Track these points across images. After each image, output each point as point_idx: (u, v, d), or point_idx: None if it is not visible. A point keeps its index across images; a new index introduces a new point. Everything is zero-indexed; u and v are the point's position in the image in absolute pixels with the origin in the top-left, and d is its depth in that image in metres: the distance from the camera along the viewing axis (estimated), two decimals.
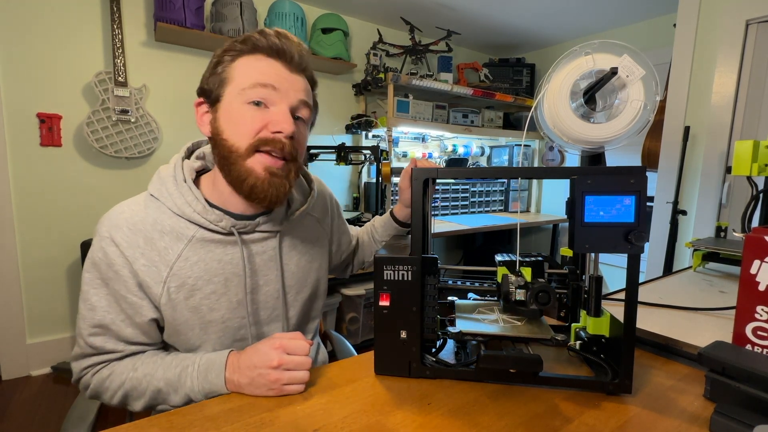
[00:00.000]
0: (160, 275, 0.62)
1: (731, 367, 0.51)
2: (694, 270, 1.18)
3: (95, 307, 0.62)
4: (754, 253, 0.60)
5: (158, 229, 0.63)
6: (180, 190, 0.64)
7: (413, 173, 0.59)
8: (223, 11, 2.09)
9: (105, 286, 0.62)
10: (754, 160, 0.87)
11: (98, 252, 0.62)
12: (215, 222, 0.64)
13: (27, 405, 1.72)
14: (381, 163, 2.21)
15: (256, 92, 0.60)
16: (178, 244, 0.63)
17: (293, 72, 0.63)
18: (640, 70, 0.54)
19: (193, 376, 0.60)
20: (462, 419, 0.51)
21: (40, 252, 1.96)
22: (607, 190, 0.53)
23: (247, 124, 0.61)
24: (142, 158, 2.14)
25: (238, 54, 0.62)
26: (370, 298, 2.21)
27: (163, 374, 0.61)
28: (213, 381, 0.59)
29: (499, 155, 3.37)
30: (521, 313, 0.64)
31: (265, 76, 0.61)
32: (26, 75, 1.85)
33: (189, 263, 0.64)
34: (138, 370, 0.62)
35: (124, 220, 0.63)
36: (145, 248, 0.62)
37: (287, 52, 0.62)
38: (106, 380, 0.63)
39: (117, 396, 0.62)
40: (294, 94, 0.63)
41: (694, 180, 1.93)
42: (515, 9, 2.59)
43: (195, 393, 0.60)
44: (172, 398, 0.61)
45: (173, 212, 0.64)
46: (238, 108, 0.61)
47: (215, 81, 0.63)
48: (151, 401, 0.62)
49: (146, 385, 0.61)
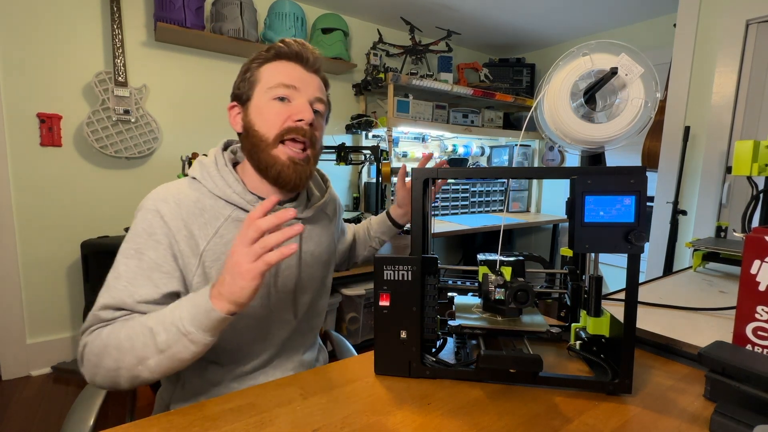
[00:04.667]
0: (198, 248, 0.68)
1: (731, 367, 0.51)
2: (694, 270, 1.18)
3: (120, 276, 0.64)
4: (754, 253, 0.60)
5: (199, 206, 0.70)
6: (221, 173, 0.73)
7: (413, 173, 0.59)
8: (223, 11, 2.09)
9: (138, 257, 0.65)
10: (754, 160, 0.86)
11: (141, 223, 0.66)
12: (251, 203, 0.72)
13: (27, 405, 1.72)
14: (381, 163, 2.21)
15: (280, 90, 0.71)
16: (216, 222, 0.70)
17: (309, 72, 0.75)
18: (638, 68, 0.54)
19: (181, 306, 0.57)
20: (462, 419, 0.51)
21: (40, 252, 1.96)
22: (607, 190, 0.53)
23: (273, 115, 0.71)
24: (142, 158, 2.14)
25: (264, 61, 0.73)
26: (370, 298, 2.21)
27: (155, 316, 0.58)
28: (199, 303, 0.55)
29: (499, 155, 3.37)
30: (501, 312, 0.64)
31: (288, 77, 0.72)
32: (26, 75, 1.85)
33: (224, 240, 0.70)
34: (134, 319, 0.60)
35: (171, 195, 0.69)
36: (187, 221, 0.68)
37: (304, 55, 0.73)
38: (104, 338, 0.59)
39: (112, 358, 0.57)
40: (311, 91, 0.74)
41: (694, 180, 1.93)
42: (515, 9, 2.59)
43: (184, 321, 0.55)
44: (162, 338, 0.56)
45: (213, 193, 0.72)
46: (266, 103, 0.71)
47: (245, 85, 0.73)
48: (141, 350, 0.56)
49: (139, 327, 0.57)
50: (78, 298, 2.06)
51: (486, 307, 0.66)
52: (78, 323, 2.07)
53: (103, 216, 2.06)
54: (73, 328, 2.08)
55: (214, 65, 2.30)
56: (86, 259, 1.87)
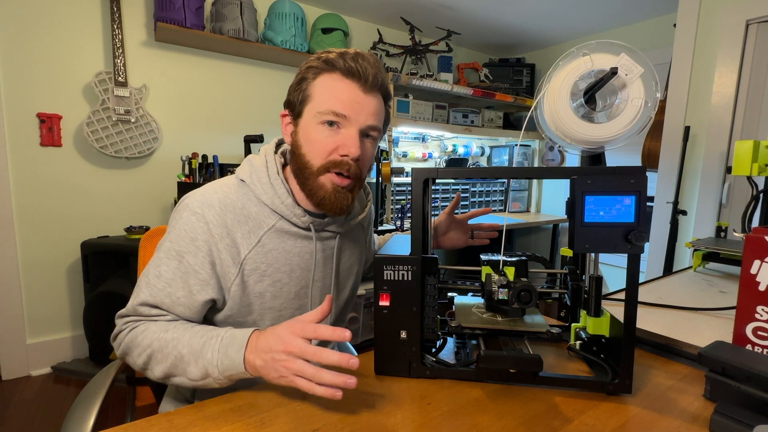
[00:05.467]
0: (240, 256, 0.68)
1: (731, 367, 0.51)
2: (694, 270, 1.18)
3: (161, 275, 0.65)
4: (754, 253, 0.60)
5: (245, 213, 0.69)
6: (272, 182, 0.71)
7: (413, 173, 0.59)
8: (223, 11, 2.09)
9: (178, 259, 0.66)
10: (754, 160, 0.86)
11: (185, 225, 0.66)
12: (299, 216, 0.71)
13: (27, 405, 1.72)
14: (381, 163, 2.21)
15: (330, 117, 0.67)
16: (259, 230, 0.70)
17: (367, 93, 0.68)
18: (638, 68, 0.54)
19: (215, 348, 0.58)
20: (462, 419, 0.51)
21: (40, 252, 1.96)
22: (607, 190, 0.53)
23: (321, 143, 0.68)
24: (142, 158, 2.14)
25: (319, 72, 0.68)
26: (370, 298, 2.21)
27: (189, 340, 0.60)
28: (232, 357, 0.56)
29: (499, 155, 3.37)
30: (504, 312, 0.65)
31: (340, 103, 0.67)
32: (26, 75, 1.85)
33: (265, 250, 0.70)
34: (168, 332, 0.62)
35: (218, 200, 0.68)
36: (231, 228, 0.68)
37: (362, 74, 0.67)
38: (138, 336, 0.63)
39: (143, 356, 0.62)
40: (364, 119, 0.68)
41: (694, 180, 1.93)
42: (515, 9, 2.59)
43: (213, 367, 0.57)
44: (191, 369, 0.58)
45: (260, 200, 0.70)
46: (314, 127, 0.68)
47: (299, 96, 0.70)
48: (171, 368, 0.60)
49: (171, 349, 0.60)
50: (78, 298, 2.05)
51: (489, 307, 0.66)
52: (78, 323, 2.07)
53: (103, 216, 2.06)
54: (73, 329, 2.07)
55: (214, 65, 2.30)
56: (86, 259, 1.87)
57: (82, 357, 2.08)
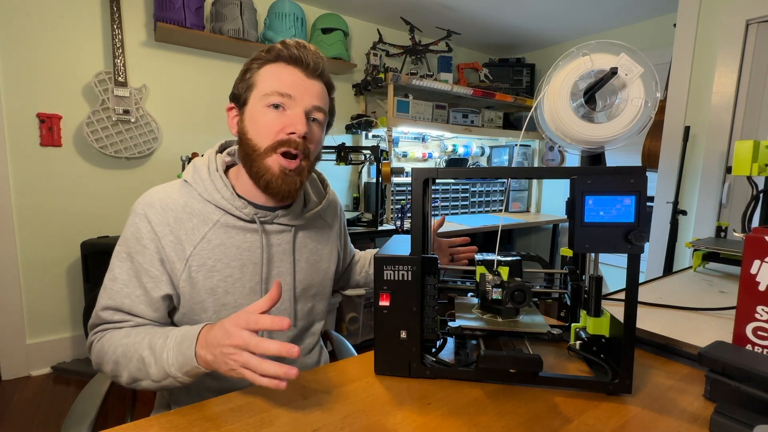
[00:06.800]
0: (185, 253, 0.69)
1: (731, 367, 0.51)
2: (694, 270, 1.18)
3: (116, 278, 0.67)
4: (754, 253, 0.60)
5: (188, 211, 0.70)
6: (212, 178, 0.72)
7: (413, 173, 0.59)
8: (223, 11, 2.09)
9: (129, 260, 0.68)
10: (754, 160, 0.86)
11: (130, 227, 0.69)
12: (240, 209, 0.72)
13: (27, 405, 1.72)
14: (381, 163, 2.21)
15: (275, 98, 0.68)
16: (204, 226, 0.70)
17: (310, 77, 0.71)
18: (638, 68, 0.54)
19: (170, 347, 0.59)
20: (462, 419, 0.51)
21: (40, 252, 1.96)
22: (607, 190, 0.53)
23: (267, 125, 0.69)
24: (142, 158, 2.14)
25: (264, 62, 0.70)
26: (370, 298, 2.21)
27: (148, 342, 0.61)
28: (185, 353, 0.57)
29: (499, 155, 3.37)
30: (498, 312, 0.64)
31: (284, 84, 0.68)
32: (26, 75, 1.85)
33: (211, 245, 0.70)
34: (130, 337, 0.63)
35: (159, 200, 0.70)
36: (174, 226, 0.69)
37: (304, 59, 0.69)
38: (105, 345, 0.65)
39: (110, 364, 0.63)
40: (309, 100, 0.70)
41: (694, 180, 1.93)
42: (515, 9, 2.59)
43: (170, 366, 0.58)
44: (153, 371, 0.59)
45: (203, 197, 0.71)
46: (260, 110, 0.69)
47: (243, 86, 0.71)
48: (135, 372, 0.61)
49: (133, 353, 0.61)
50: (78, 298, 2.05)
51: (483, 307, 0.66)
52: (78, 323, 2.07)
53: (103, 216, 2.06)
54: (73, 329, 2.08)
55: (214, 65, 2.30)
56: (86, 259, 1.87)
57: (82, 357, 2.08)
